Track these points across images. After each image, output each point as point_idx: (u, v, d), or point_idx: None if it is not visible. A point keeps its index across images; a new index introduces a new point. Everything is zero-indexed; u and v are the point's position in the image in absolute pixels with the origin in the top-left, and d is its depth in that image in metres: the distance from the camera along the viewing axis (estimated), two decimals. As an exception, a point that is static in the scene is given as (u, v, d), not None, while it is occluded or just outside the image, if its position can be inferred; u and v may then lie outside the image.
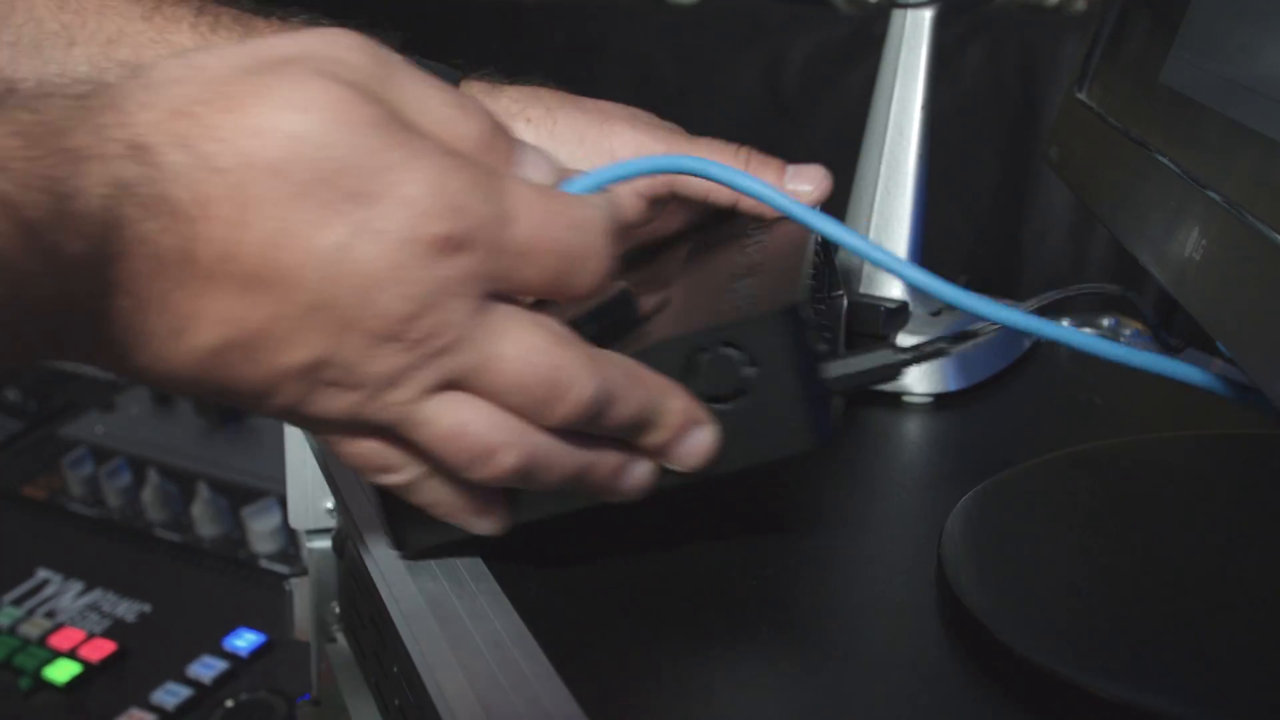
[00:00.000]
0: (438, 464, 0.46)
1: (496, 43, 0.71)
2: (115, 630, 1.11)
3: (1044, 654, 0.46)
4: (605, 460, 0.48)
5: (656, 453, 0.49)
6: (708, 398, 0.49)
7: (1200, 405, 0.68)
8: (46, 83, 0.41)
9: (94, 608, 1.15)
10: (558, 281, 0.45)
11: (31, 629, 1.12)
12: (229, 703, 1.01)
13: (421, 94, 0.44)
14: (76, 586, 1.18)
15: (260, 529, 1.18)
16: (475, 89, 0.67)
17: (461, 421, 0.45)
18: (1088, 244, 1.42)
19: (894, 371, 0.52)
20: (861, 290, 0.77)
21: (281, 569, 1.16)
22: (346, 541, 0.64)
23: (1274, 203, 0.46)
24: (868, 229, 0.78)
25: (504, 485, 0.48)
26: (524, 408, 0.45)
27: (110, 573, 1.19)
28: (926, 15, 0.77)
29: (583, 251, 0.45)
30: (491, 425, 0.45)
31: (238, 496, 1.23)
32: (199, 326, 0.41)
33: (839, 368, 0.51)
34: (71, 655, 1.08)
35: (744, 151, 0.65)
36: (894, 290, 0.77)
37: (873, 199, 0.78)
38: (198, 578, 1.17)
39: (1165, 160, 0.56)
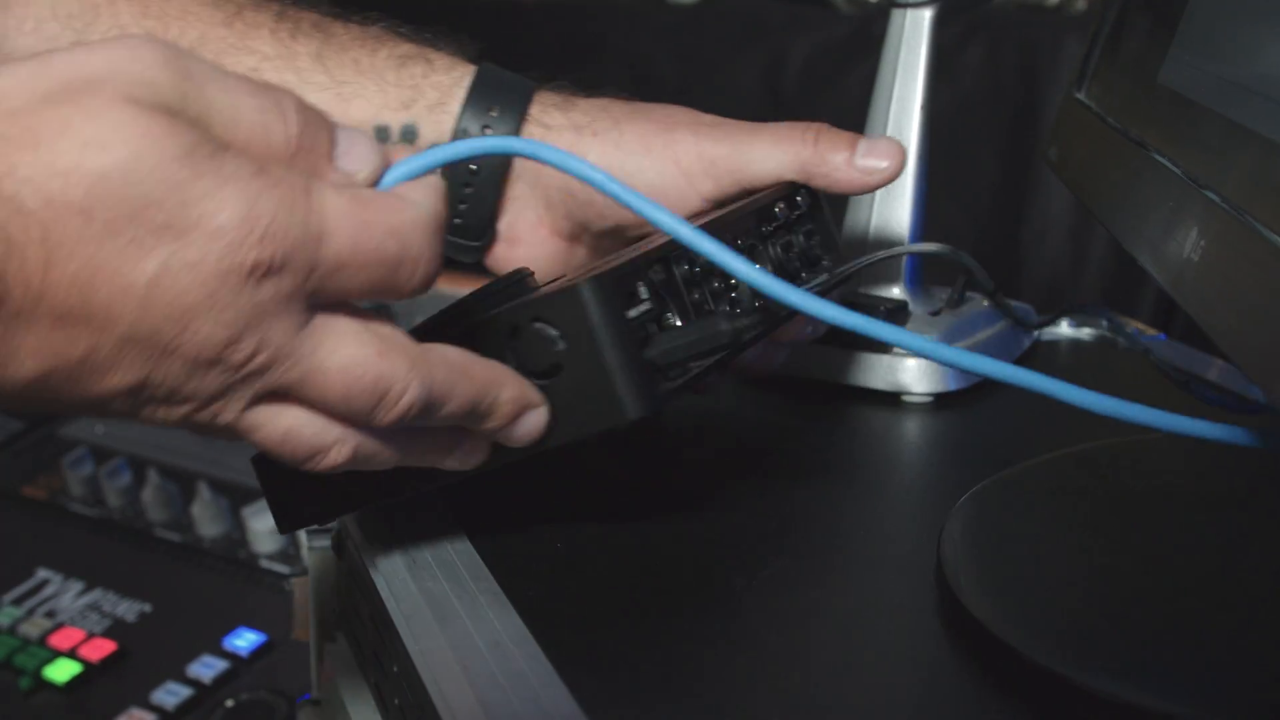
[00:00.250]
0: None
1: (496, 42, 0.71)
2: (115, 630, 1.11)
3: (1043, 653, 0.46)
4: (437, 446, 0.49)
5: (489, 436, 0.50)
6: (530, 373, 0.50)
7: (1200, 406, 0.68)
8: None
9: (94, 607, 1.14)
10: (382, 288, 0.45)
11: (31, 629, 1.12)
12: (229, 702, 1.01)
13: (230, 103, 0.43)
14: (76, 586, 1.18)
15: (260, 529, 1.18)
16: (549, 101, 0.67)
17: (288, 428, 0.45)
18: (1087, 244, 1.42)
19: (720, 340, 0.51)
20: (861, 290, 0.77)
21: (282, 569, 1.16)
22: (346, 542, 0.64)
23: (1273, 203, 0.46)
24: (867, 228, 0.78)
25: (343, 471, 0.48)
26: (351, 415, 0.46)
27: (110, 572, 1.18)
28: (926, 15, 0.77)
29: (404, 256, 0.45)
30: (319, 429, 0.46)
31: (238, 496, 1.22)
32: (18, 360, 0.41)
33: (664, 341, 0.51)
34: (71, 655, 1.08)
35: (814, 129, 0.64)
36: (894, 290, 0.77)
37: (873, 198, 0.78)
38: (198, 577, 1.17)
39: (1164, 160, 0.56)
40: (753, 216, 0.62)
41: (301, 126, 0.44)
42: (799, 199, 0.65)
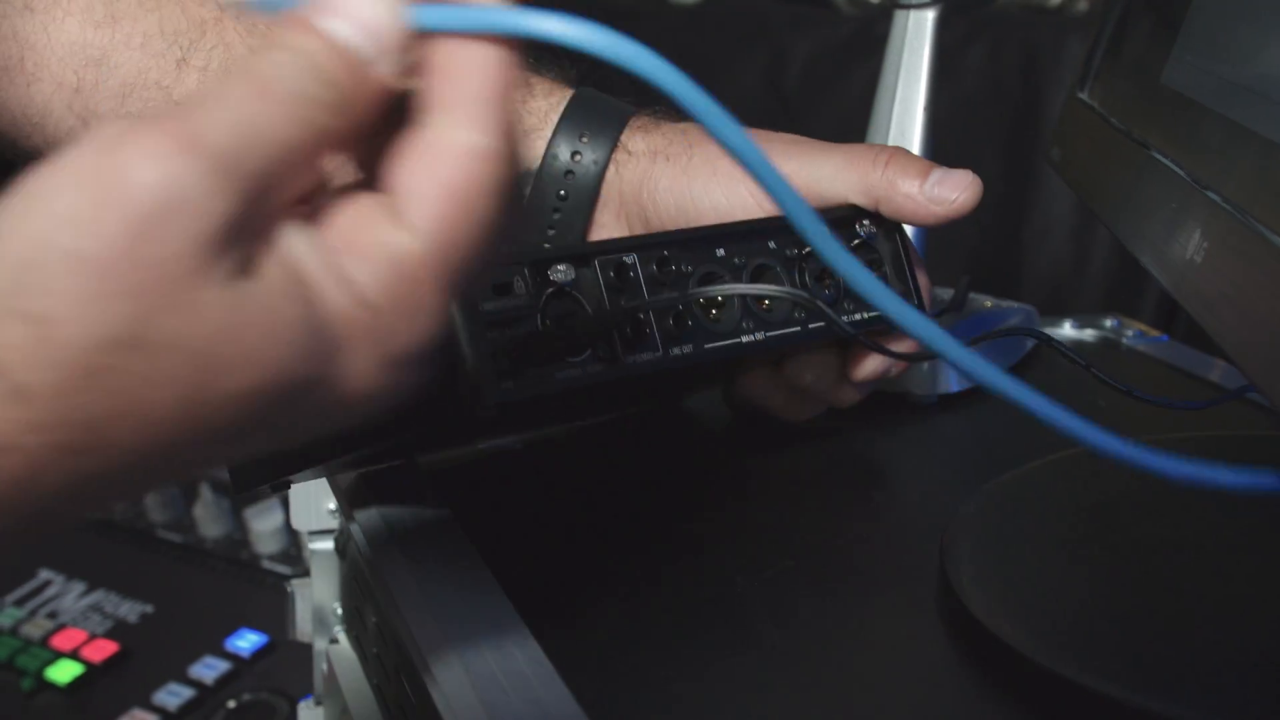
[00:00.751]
0: None
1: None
2: (117, 631, 1.11)
3: (1046, 654, 0.46)
4: None
5: None
6: None
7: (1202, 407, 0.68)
8: None
9: (96, 608, 1.14)
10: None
11: (33, 630, 1.12)
12: (231, 703, 1.01)
13: (271, 166, 0.35)
14: (79, 587, 1.17)
15: (262, 530, 1.18)
16: (637, 125, 0.67)
17: None
18: (1089, 244, 1.42)
19: (547, 344, 0.51)
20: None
21: (284, 570, 1.16)
22: (349, 543, 0.64)
23: (1275, 204, 0.46)
24: (869, 230, 0.78)
25: None
26: None
27: (112, 573, 1.18)
28: (929, 16, 0.77)
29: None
30: None
31: (240, 497, 1.22)
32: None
33: (502, 337, 0.51)
34: (74, 656, 1.08)
35: (887, 153, 0.63)
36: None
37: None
38: (200, 578, 1.17)
39: (1167, 161, 0.56)
40: (774, 235, 0.60)
41: (345, 93, 0.36)
42: (859, 227, 0.63)
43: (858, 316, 0.62)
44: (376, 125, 0.37)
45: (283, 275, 0.35)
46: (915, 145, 0.77)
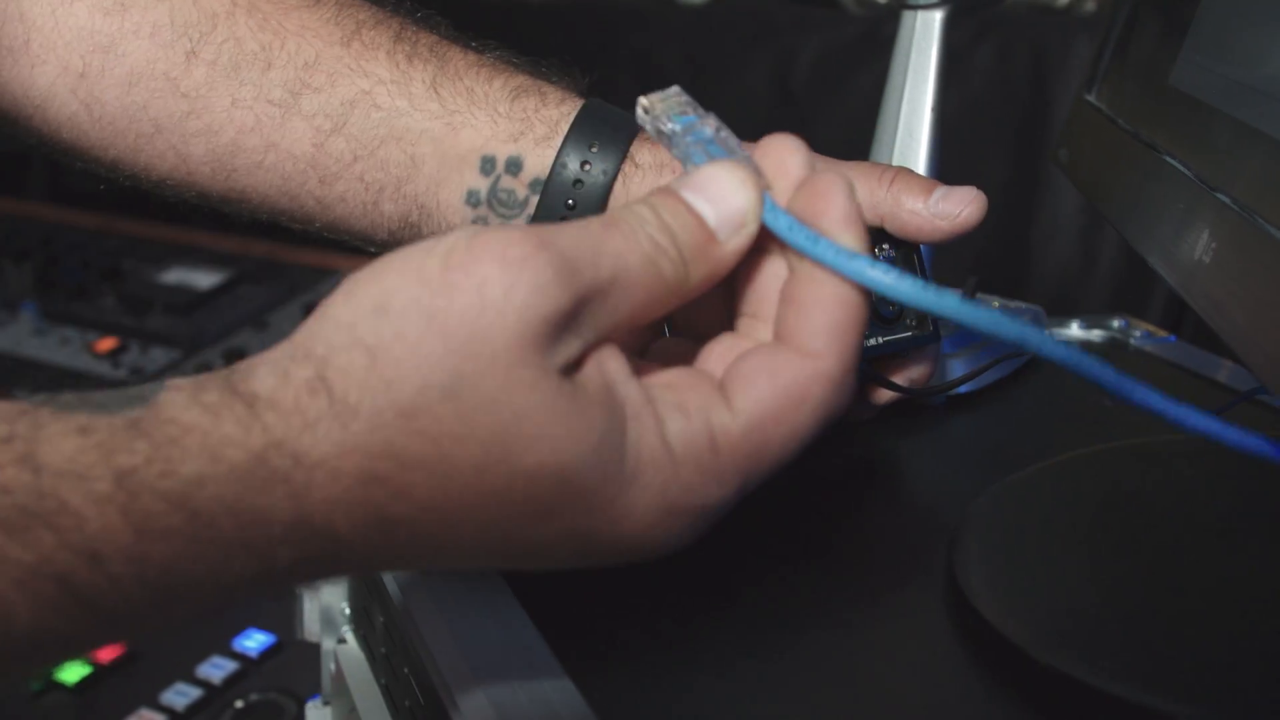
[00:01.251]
0: None
1: (504, 44, 0.71)
2: (125, 631, 1.12)
3: (1053, 654, 0.46)
4: None
5: None
6: None
7: (1208, 407, 0.68)
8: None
9: (104, 608, 1.15)
10: None
11: (42, 629, 1.12)
12: (238, 703, 1.01)
13: (605, 282, 0.39)
14: (86, 587, 1.18)
15: (270, 530, 1.18)
16: (645, 137, 0.66)
17: None
18: (1097, 245, 1.42)
19: None
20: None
21: (291, 570, 1.16)
22: (356, 543, 0.64)
23: (1284, 205, 0.46)
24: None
25: None
26: None
27: (120, 573, 1.19)
28: (936, 16, 0.77)
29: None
30: None
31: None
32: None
33: None
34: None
35: (892, 171, 0.63)
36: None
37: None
38: (207, 578, 1.17)
39: (1175, 162, 0.56)
40: None
41: (687, 253, 0.41)
42: (878, 250, 0.63)
43: (872, 342, 0.63)
44: (700, 298, 0.42)
45: (601, 387, 0.39)
46: (922, 146, 0.77)
